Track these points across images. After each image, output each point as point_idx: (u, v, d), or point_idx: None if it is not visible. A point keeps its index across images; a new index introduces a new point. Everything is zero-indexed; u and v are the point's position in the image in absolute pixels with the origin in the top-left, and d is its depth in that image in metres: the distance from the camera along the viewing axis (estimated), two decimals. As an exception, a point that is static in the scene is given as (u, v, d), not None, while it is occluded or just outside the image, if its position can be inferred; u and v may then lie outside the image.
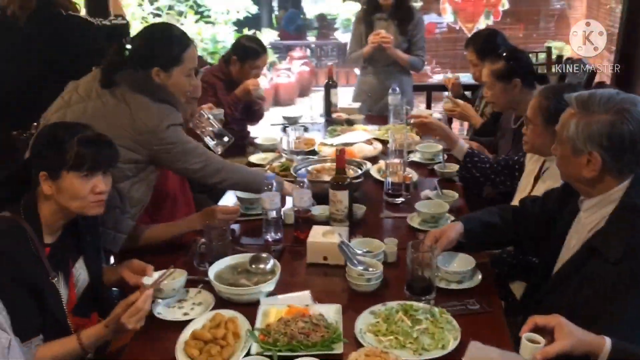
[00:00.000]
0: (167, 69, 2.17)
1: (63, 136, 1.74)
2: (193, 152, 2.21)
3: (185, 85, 2.24)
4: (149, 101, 2.13)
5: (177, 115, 2.19)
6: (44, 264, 1.74)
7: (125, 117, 2.10)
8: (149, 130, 2.10)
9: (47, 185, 1.75)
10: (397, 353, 1.52)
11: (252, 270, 1.93)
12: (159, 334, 1.70)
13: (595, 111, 1.58)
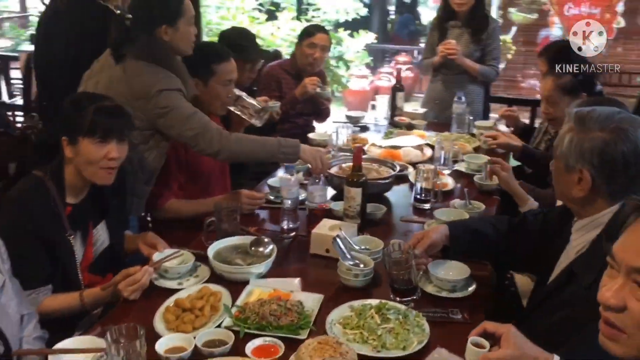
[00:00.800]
0: (172, 22, 2.30)
1: (82, 105, 1.91)
2: (188, 119, 2.27)
3: (191, 34, 2.38)
4: (145, 67, 2.27)
5: (172, 80, 2.29)
6: (63, 221, 1.93)
7: (122, 85, 2.25)
8: (142, 96, 2.22)
9: (68, 149, 1.92)
10: (354, 346, 1.54)
11: (251, 253, 2.02)
12: (150, 297, 1.82)
13: (591, 128, 1.51)
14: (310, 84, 3.57)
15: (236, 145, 2.32)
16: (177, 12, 2.31)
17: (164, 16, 2.30)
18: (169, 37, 2.31)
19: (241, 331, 1.63)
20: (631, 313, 0.99)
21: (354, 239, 2.07)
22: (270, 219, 2.46)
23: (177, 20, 2.31)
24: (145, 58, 2.29)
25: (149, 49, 2.29)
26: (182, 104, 2.29)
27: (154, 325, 1.65)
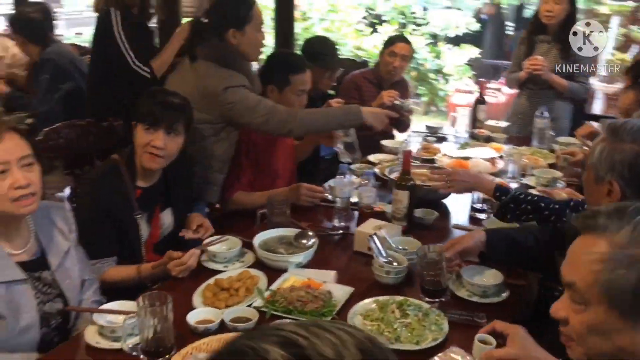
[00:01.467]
0: (240, 27, 2.48)
1: (150, 96, 2.14)
2: (255, 108, 2.43)
3: (258, 40, 2.54)
4: (214, 67, 2.46)
5: (237, 78, 2.46)
6: (132, 202, 2.15)
7: (193, 84, 2.44)
8: (210, 94, 2.40)
9: (133, 134, 2.16)
10: (370, 336, 1.61)
11: (294, 244, 2.14)
12: (197, 276, 1.98)
13: (623, 139, 1.49)
14: (387, 96, 3.65)
15: (305, 121, 2.49)
16: (245, 18, 2.49)
17: (232, 21, 2.49)
18: (236, 41, 2.50)
19: (268, 312, 1.75)
20: (572, 325, 1.05)
21: (395, 239, 2.13)
22: (325, 216, 2.56)
23: (244, 25, 2.49)
24: (214, 60, 2.49)
25: (218, 52, 2.50)
26: (247, 96, 2.46)
27: (193, 299, 1.82)
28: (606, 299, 0.99)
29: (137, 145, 2.12)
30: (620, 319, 0.99)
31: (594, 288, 1.00)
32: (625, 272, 0.97)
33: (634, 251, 0.98)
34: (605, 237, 1.01)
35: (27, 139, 1.68)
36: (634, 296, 0.97)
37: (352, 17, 8.13)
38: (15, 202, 1.60)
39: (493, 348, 1.44)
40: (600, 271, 0.99)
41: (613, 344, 1.01)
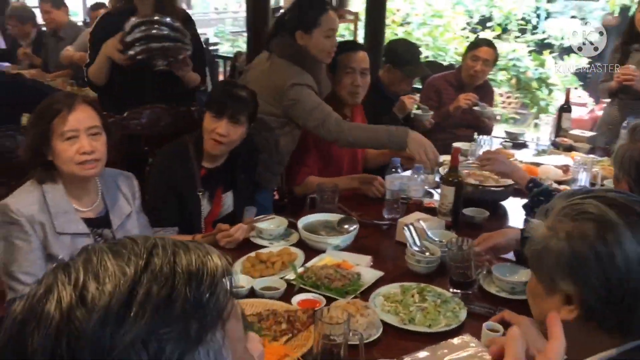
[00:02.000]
0: (307, 30, 2.60)
1: (221, 87, 2.33)
2: (311, 111, 2.54)
3: (325, 46, 2.64)
4: (285, 64, 2.59)
5: (304, 76, 2.58)
6: (196, 180, 2.36)
7: (266, 78, 2.60)
8: (278, 88, 2.55)
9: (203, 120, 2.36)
10: (385, 316, 1.70)
11: (336, 228, 2.25)
12: (243, 249, 2.15)
13: (637, 139, 1.47)
14: (464, 99, 3.65)
15: (352, 134, 2.55)
16: (314, 22, 2.61)
17: (301, 23, 2.63)
18: (304, 42, 2.63)
19: (297, 285, 1.88)
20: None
21: (435, 231, 2.17)
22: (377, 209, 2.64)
23: (312, 29, 2.62)
24: (286, 57, 2.64)
25: (289, 49, 2.64)
26: (308, 98, 2.58)
27: (233, 267, 1.98)
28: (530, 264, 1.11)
29: (204, 130, 2.32)
30: (538, 284, 1.09)
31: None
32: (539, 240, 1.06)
33: (554, 225, 1.04)
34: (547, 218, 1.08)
35: (97, 111, 1.92)
36: (539, 262, 1.07)
37: (456, 23, 8.07)
38: (79, 165, 1.84)
39: (500, 335, 1.47)
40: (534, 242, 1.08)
41: (539, 309, 1.12)
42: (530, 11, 8.68)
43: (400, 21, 7.87)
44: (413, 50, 3.55)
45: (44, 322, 0.56)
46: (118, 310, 0.55)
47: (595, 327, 1.03)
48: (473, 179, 2.71)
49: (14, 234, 1.79)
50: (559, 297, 1.03)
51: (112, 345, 0.54)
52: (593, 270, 0.98)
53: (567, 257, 0.99)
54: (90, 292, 0.57)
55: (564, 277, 1.01)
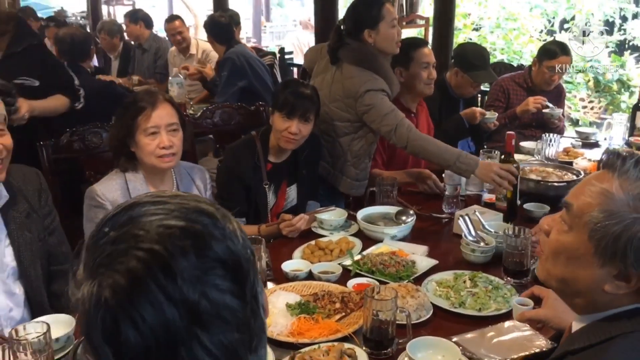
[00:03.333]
0: (374, 26, 2.67)
1: (283, 86, 2.46)
2: (385, 116, 2.60)
3: (393, 35, 2.70)
4: (356, 70, 2.67)
5: (377, 81, 2.65)
6: (262, 173, 2.51)
7: (339, 85, 2.69)
8: (352, 95, 2.63)
9: (271, 118, 2.50)
10: (437, 300, 1.77)
11: (394, 220, 2.33)
12: (305, 237, 2.27)
13: None
14: (533, 103, 3.63)
15: (420, 145, 2.57)
16: (377, 17, 2.69)
17: (366, 21, 2.71)
18: (372, 39, 2.71)
19: (353, 270, 1.97)
20: (550, 240, 1.12)
21: (492, 223, 2.21)
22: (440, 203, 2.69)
23: (378, 23, 2.70)
24: (356, 63, 2.72)
25: (358, 54, 2.72)
26: (383, 103, 2.65)
27: (294, 253, 2.11)
28: (589, 232, 1.02)
29: (275, 130, 2.46)
30: (594, 255, 1.02)
31: (584, 216, 1.02)
32: (617, 218, 0.99)
33: (636, 204, 0.98)
34: (620, 179, 1.01)
35: (176, 109, 2.11)
36: (614, 243, 0.99)
37: (532, 26, 7.93)
38: (159, 158, 2.02)
39: (530, 309, 1.52)
40: (597, 205, 1.01)
41: (574, 272, 1.06)
42: (612, 12, 8.40)
43: (472, 25, 7.82)
44: (482, 56, 3.54)
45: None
46: None
47: (634, 297, 1.03)
48: (535, 174, 2.72)
49: (100, 217, 1.99)
50: (613, 271, 1.01)
51: None
52: None
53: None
54: None
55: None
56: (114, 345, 0.67)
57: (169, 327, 0.66)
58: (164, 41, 5.73)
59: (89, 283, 0.69)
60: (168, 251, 0.68)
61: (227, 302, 0.70)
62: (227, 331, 0.70)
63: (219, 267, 0.70)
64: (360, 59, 2.73)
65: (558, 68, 3.71)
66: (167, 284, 0.66)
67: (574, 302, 1.13)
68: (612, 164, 1.04)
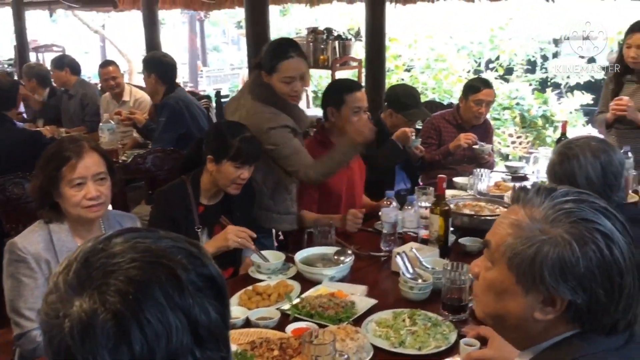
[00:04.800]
0: (268, 73, 2.73)
1: (228, 133, 2.42)
2: (289, 158, 2.68)
3: (283, 89, 2.73)
4: (260, 106, 2.71)
5: (279, 117, 2.69)
6: (194, 217, 2.45)
7: (248, 122, 2.65)
8: (256, 132, 2.61)
9: (211, 165, 2.45)
10: (377, 340, 1.74)
11: (333, 260, 2.31)
12: (243, 283, 2.22)
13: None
14: (465, 139, 3.74)
15: (322, 171, 2.70)
16: (272, 68, 2.72)
17: (264, 65, 2.75)
18: (267, 80, 2.75)
19: (291, 314, 1.93)
20: (479, 281, 1.14)
21: (428, 259, 2.22)
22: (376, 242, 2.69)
23: (272, 73, 2.73)
24: (259, 99, 2.76)
25: (260, 89, 2.76)
26: (287, 143, 2.69)
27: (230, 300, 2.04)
28: (507, 261, 1.04)
29: (224, 178, 2.42)
30: (517, 284, 1.04)
31: (501, 248, 1.06)
32: (529, 242, 1.02)
33: (543, 226, 1.02)
34: (525, 208, 1.06)
35: (104, 157, 2.03)
36: (531, 266, 1.01)
37: (460, 65, 8.24)
38: (85, 209, 1.94)
39: (477, 349, 1.52)
40: (510, 234, 1.05)
41: (504, 305, 1.07)
42: (533, 52, 8.86)
43: (404, 66, 8.07)
44: (413, 95, 3.66)
45: None
46: None
47: (565, 322, 1.04)
48: (469, 209, 2.77)
49: (21, 271, 1.88)
50: (539, 297, 1.02)
51: None
52: (597, 279, 0.98)
53: (569, 264, 0.98)
54: None
55: (560, 282, 0.99)
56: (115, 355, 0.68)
57: (171, 336, 0.70)
58: (92, 87, 5.61)
59: (85, 294, 0.71)
60: (174, 262, 0.74)
61: (218, 320, 0.75)
62: (215, 349, 0.75)
63: (212, 285, 0.76)
64: (263, 94, 2.77)
65: (485, 101, 3.85)
66: (174, 293, 0.71)
67: (512, 337, 1.14)
68: (517, 198, 1.10)
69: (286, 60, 2.71)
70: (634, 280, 1.01)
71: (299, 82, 2.76)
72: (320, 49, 5.80)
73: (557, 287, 0.99)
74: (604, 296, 0.99)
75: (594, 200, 1.03)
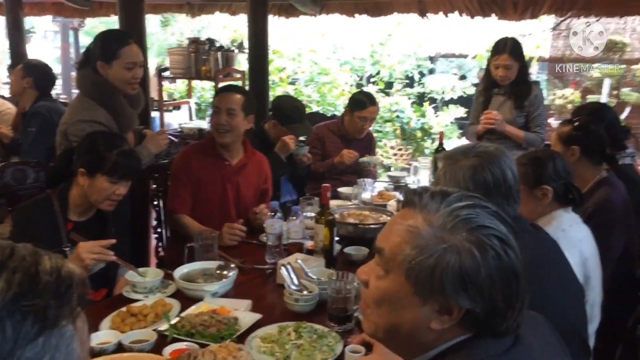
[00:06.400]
0: (107, 61, 2.65)
1: (103, 146, 2.24)
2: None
3: (125, 76, 2.68)
4: (82, 100, 2.64)
5: (94, 112, 2.60)
6: (61, 234, 2.24)
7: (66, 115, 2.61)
8: (66, 122, 2.53)
9: (83, 178, 2.25)
10: (262, 357, 1.66)
11: (215, 275, 2.19)
12: (118, 304, 2.04)
13: (458, 159, 1.59)
14: (347, 156, 3.80)
15: None
16: (113, 54, 2.66)
17: (102, 54, 2.67)
18: (104, 71, 2.67)
19: (169, 335, 1.79)
20: (370, 290, 1.06)
21: (314, 270, 2.17)
22: (261, 255, 2.61)
23: (112, 60, 2.66)
24: (85, 93, 2.68)
25: (87, 83, 2.69)
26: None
27: (100, 324, 1.87)
28: (405, 271, 0.98)
29: (97, 193, 2.24)
30: (415, 295, 0.98)
31: (398, 257, 0.99)
32: (428, 252, 0.97)
33: (442, 234, 0.97)
34: (422, 213, 1.00)
35: None
36: (431, 277, 0.96)
37: (343, 79, 8.41)
38: None
39: (362, 356, 1.49)
40: (407, 242, 0.99)
41: (399, 317, 1.01)
42: (411, 68, 9.25)
43: (288, 79, 8.10)
44: (298, 109, 3.65)
45: None
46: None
47: (458, 328, 1.00)
48: (353, 218, 2.77)
49: None
50: (435, 307, 0.98)
51: None
52: (496, 285, 0.96)
53: (470, 273, 0.95)
54: None
55: (459, 291, 0.95)
56: None
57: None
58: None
59: None
60: None
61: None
62: None
63: None
64: (88, 89, 2.69)
65: (369, 118, 3.92)
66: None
67: (401, 348, 1.08)
68: (411, 201, 1.04)
69: (127, 45, 2.69)
70: (525, 283, 1.00)
71: (139, 69, 2.75)
72: (202, 60, 5.67)
73: (456, 297, 0.95)
74: (502, 302, 0.96)
75: (486, 205, 1.01)
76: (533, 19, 5.33)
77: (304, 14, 6.16)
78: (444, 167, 1.63)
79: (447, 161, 1.63)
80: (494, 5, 5.21)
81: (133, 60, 2.70)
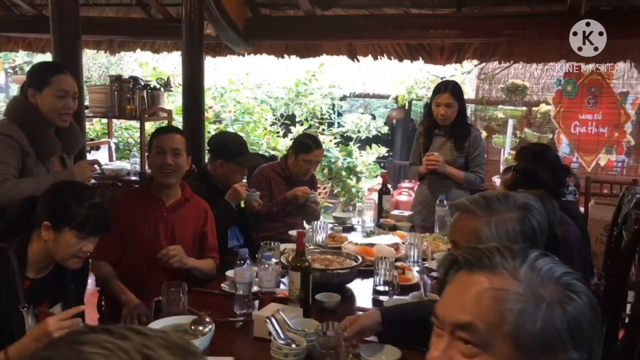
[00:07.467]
0: (38, 89, 2.66)
1: (72, 198, 2.07)
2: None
3: (55, 104, 2.68)
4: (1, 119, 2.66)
5: (10, 128, 2.60)
6: (18, 293, 2.03)
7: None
8: None
9: (47, 232, 2.05)
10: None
11: (190, 331, 2.06)
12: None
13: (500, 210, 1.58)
14: (301, 193, 3.79)
15: (14, 190, 2.53)
16: (44, 82, 2.66)
17: (33, 81, 2.68)
18: (34, 100, 2.66)
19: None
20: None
21: (294, 321, 2.10)
22: (227, 304, 2.50)
23: (43, 88, 2.66)
24: (12, 118, 2.66)
25: (16, 110, 2.68)
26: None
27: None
28: (513, 339, 0.91)
29: (63, 250, 2.06)
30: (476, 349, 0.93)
31: (500, 328, 0.91)
32: (533, 313, 0.92)
33: (536, 291, 0.93)
34: (505, 274, 0.95)
35: None
36: (542, 336, 0.91)
37: (265, 119, 8.39)
38: None
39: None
40: (505, 308, 0.92)
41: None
42: (328, 108, 9.40)
43: (213, 118, 7.97)
44: (240, 142, 3.59)
45: None
46: None
47: None
48: (319, 263, 2.72)
49: None
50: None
51: None
52: (595, 327, 0.96)
53: (576, 320, 0.92)
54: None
55: (567, 343, 0.92)
56: None
57: None
58: None
59: None
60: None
61: None
62: None
63: None
64: (17, 115, 2.68)
65: (315, 161, 3.93)
66: None
67: None
68: (486, 264, 0.98)
69: (61, 74, 2.70)
70: None
71: (72, 101, 2.74)
72: (126, 99, 5.47)
73: (565, 350, 0.92)
74: (597, 344, 0.95)
75: (546, 253, 1.01)
76: (458, 63, 5.60)
77: (233, 53, 6.13)
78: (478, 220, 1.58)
79: (483, 213, 1.58)
80: (422, 50, 5.43)
81: (65, 88, 2.68)
